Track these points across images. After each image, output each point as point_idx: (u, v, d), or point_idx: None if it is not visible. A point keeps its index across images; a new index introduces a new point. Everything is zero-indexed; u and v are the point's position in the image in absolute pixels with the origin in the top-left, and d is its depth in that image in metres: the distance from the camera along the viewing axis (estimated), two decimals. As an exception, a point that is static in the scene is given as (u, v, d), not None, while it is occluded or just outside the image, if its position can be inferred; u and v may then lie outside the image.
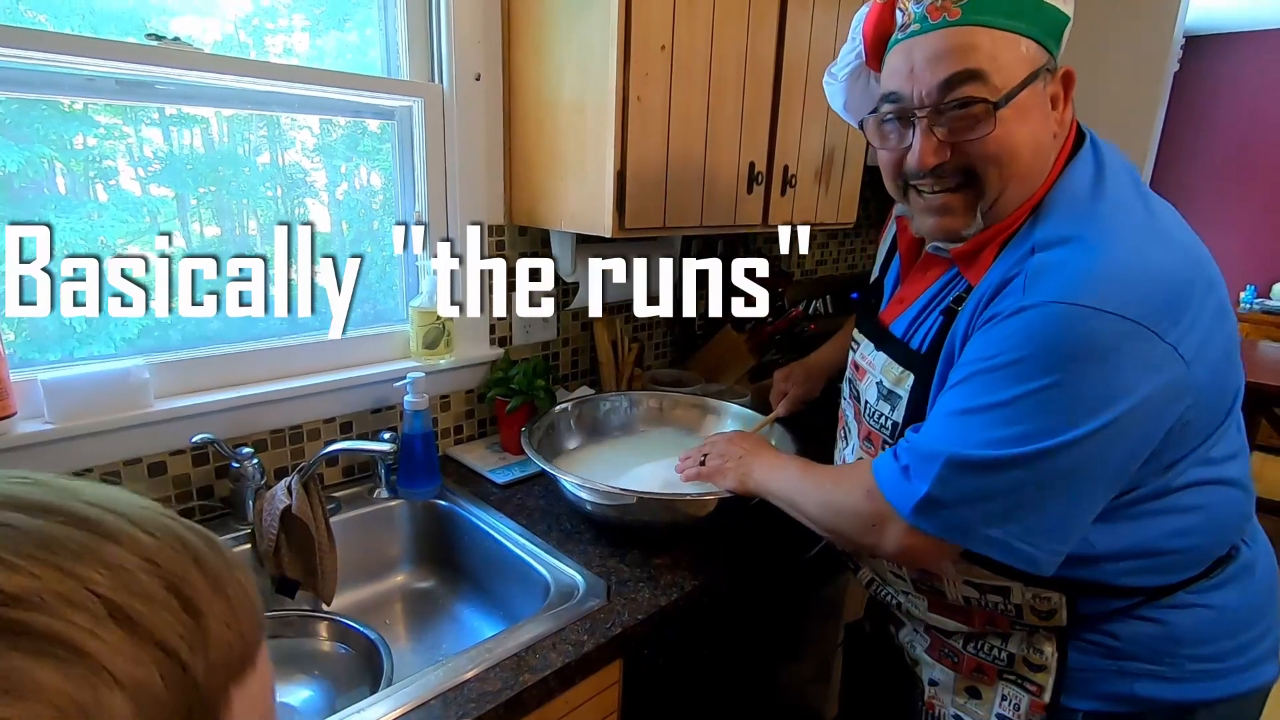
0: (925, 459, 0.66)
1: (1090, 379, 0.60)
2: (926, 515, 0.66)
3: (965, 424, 0.65)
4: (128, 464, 0.97)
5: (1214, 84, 4.21)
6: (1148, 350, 0.60)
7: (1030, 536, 0.63)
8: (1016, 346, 0.62)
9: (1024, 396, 0.62)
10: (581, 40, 1.09)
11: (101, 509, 0.24)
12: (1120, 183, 0.69)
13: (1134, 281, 0.61)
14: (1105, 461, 0.63)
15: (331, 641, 0.93)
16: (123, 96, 0.95)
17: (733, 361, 1.65)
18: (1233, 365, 0.70)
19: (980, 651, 0.79)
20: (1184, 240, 0.67)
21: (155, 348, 1.03)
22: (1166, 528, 0.69)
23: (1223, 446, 0.70)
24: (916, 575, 0.80)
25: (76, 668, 0.20)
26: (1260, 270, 4.19)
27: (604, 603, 0.90)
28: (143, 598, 0.23)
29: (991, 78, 0.65)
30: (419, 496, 1.15)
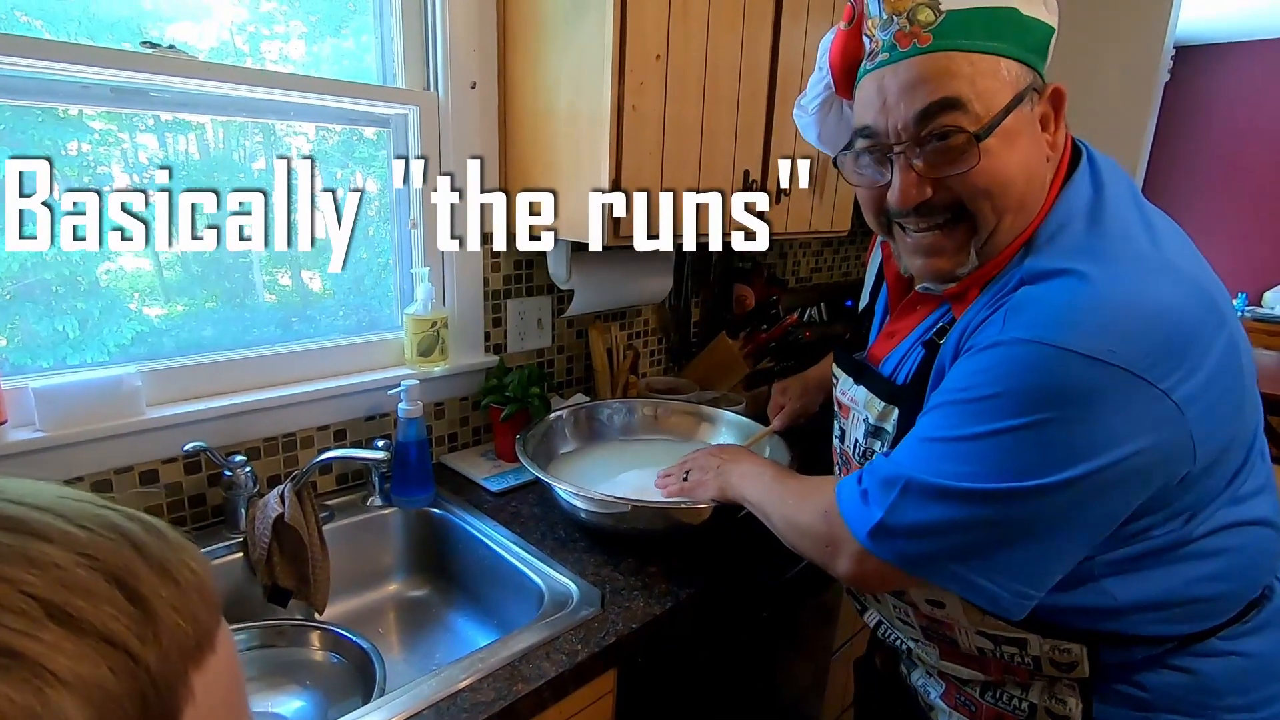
0: (884, 484, 0.64)
1: (1068, 428, 0.55)
2: (879, 541, 0.63)
3: (928, 452, 0.62)
4: (119, 472, 0.96)
5: (1204, 94, 4.26)
6: (1137, 400, 0.54)
7: (993, 574, 0.60)
8: (988, 383, 0.59)
9: (989, 435, 0.58)
10: (577, 49, 1.09)
11: (27, 506, 0.23)
12: (1121, 205, 0.64)
13: (1124, 322, 0.55)
14: (1077, 514, 0.58)
15: (324, 651, 0.92)
16: (118, 104, 0.95)
17: (728, 369, 1.65)
18: (1250, 401, 0.64)
19: (999, 701, 0.74)
20: (1192, 271, 0.60)
21: (147, 355, 1.03)
22: (1192, 575, 0.63)
23: (1249, 483, 0.65)
24: (926, 624, 0.76)
25: (16, 672, 0.20)
26: (1251, 278, 4.23)
27: (598, 611, 0.89)
28: (81, 593, 0.22)
29: (972, 105, 0.60)
30: (413, 504, 1.15)
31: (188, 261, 1.07)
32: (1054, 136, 0.65)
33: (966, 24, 0.59)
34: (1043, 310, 0.58)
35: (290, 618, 0.99)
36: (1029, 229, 0.65)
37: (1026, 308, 0.59)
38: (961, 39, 0.60)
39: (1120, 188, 0.66)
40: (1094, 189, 0.65)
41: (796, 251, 2.09)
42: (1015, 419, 0.56)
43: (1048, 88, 0.64)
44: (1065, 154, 0.67)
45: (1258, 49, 4.06)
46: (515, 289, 1.38)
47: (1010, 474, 0.57)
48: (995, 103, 0.60)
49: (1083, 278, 0.58)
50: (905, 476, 0.62)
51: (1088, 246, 0.61)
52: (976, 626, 0.70)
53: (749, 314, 1.76)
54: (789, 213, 1.43)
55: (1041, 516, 0.58)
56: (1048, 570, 0.60)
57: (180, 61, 0.94)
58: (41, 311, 0.95)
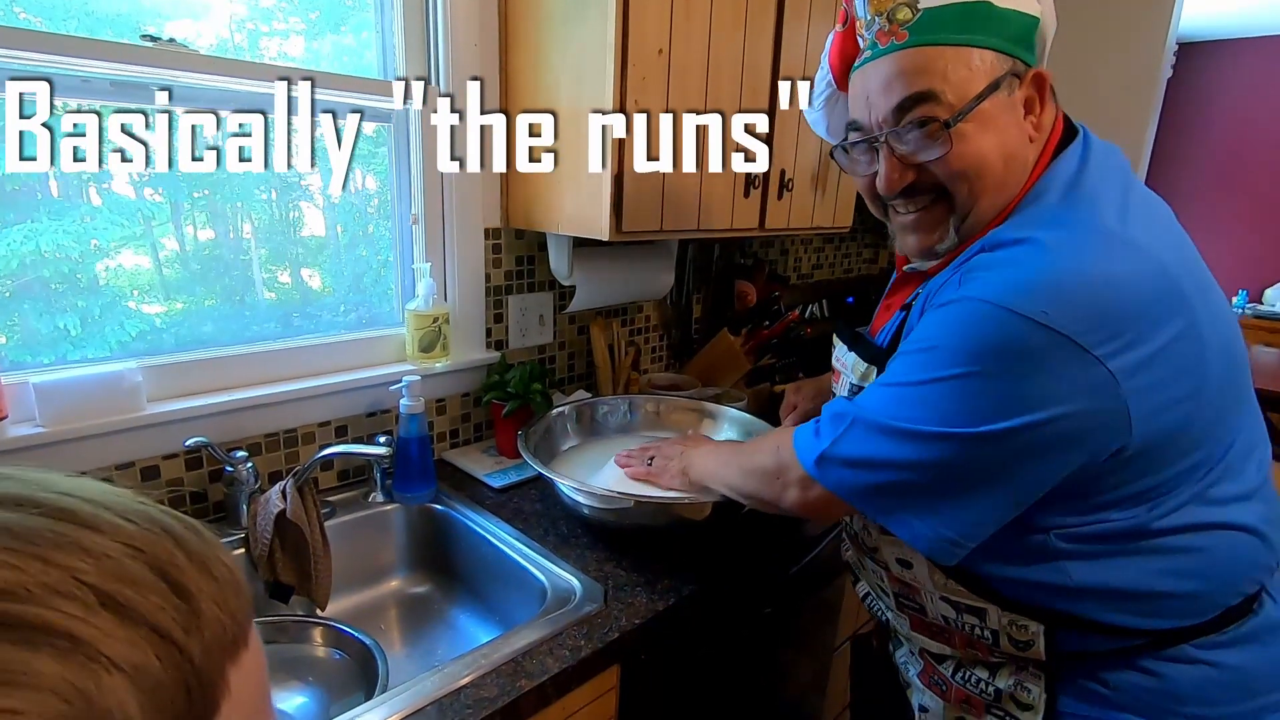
0: (834, 418, 0.69)
1: (1000, 382, 0.59)
2: (823, 468, 0.68)
3: (880, 395, 0.66)
4: (120, 468, 0.96)
5: (1207, 90, 4.25)
6: (1069, 364, 0.57)
7: (923, 514, 0.63)
8: (935, 335, 0.63)
9: (933, 381, 0.62)
10: (579, 44, 1.09)
11: (78, 499, 0.24)
12: (1100, 182, 0.66)
13: (1068, 290, 0.58)
14: (1004, 470, 0.60)
15: (326, 647, 0.92)
16: (117, 98, 0.94)
17: (729, 365, 1.65)
18: (1228, 396, 0.64)
19: (968, 683, 0.77)
20: (1157, 252, 0.61)
21: (148, 351, 1.03)
22: (1151, 568, 0.64)
23: (1227, 486, 0.65)
24: (898, 589, 0.79)
25: (74, 656, 0.20)
26: (1252, 275, 4.22)
27: (601, 607, 0.89)
28: (130, 583, 0.23)
29: (945, 96, 0.64)
30: (414, 501, 1.15)
31: (187, 259, 1.07)
32: (1039, 119, 0.68)
33: (941, 20, 0.64)
34: (994, 274, 0.61)
35: (292, 614, 0.98)
36: (1010, 205, 0.68)
37: (981, 271, 0.63)
38: (936, 34, 0.64)
39: (1107, 168, 0.68)
40: (1078, 167, 0.67)
41: (798, 248, 2.09)
42: (955, 369, 0.60)
43: (1029, 73, 0.66)
44: (1055, 134, 0.70)
45: (1260, 45, 4.05)
46: (517, 285, 1.38)
47: (946, 419, 0.60)
48: (968, 91, 0.64)
49: (1036, 245, 0.61)
50: (854, 414, 0.67)
51: (1051, 217, 0.64)
52: (940, 591, 0.73)
53: (750, 310, 1.76)
54: (791, 209, 1.42)
55: (970, 465, 0.61)
56: (974, 521, 0.63)
57: (180, 54, 0.94)
58: (41, 309, 0.95)
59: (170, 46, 0.94)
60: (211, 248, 1.08)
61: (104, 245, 0.98)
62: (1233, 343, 0.66)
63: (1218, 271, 0.66)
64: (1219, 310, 0.65)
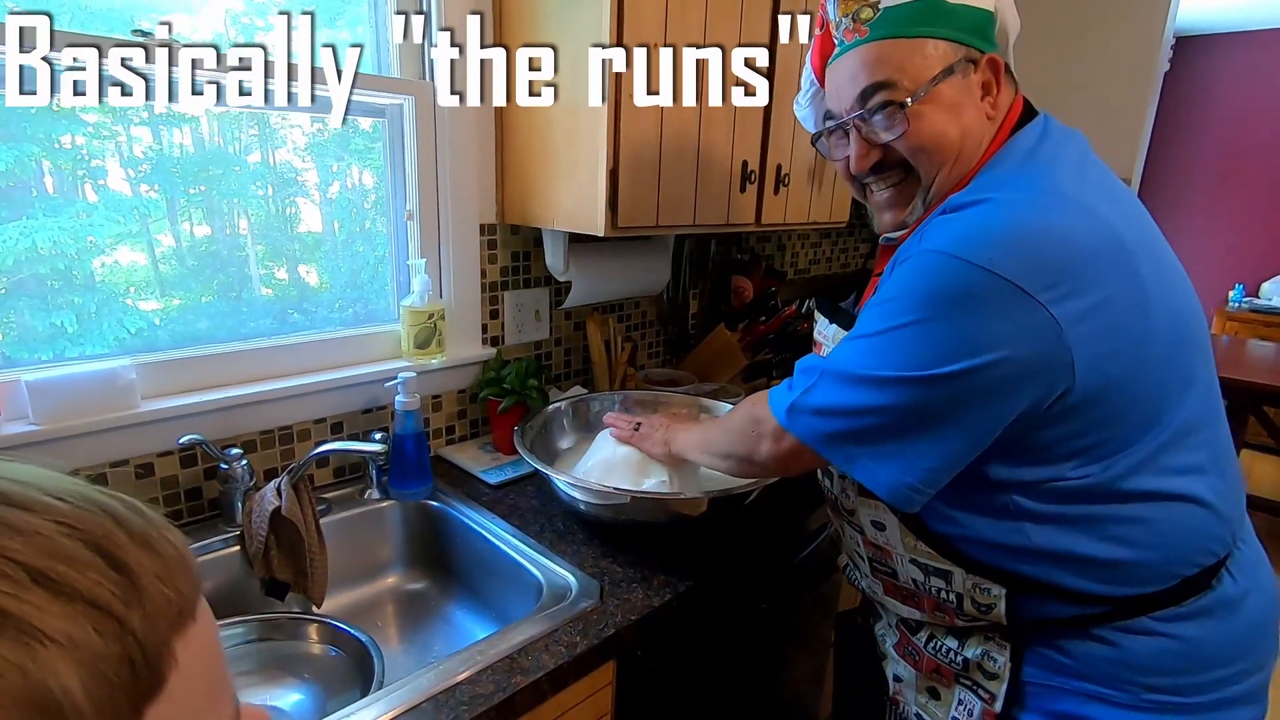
0: (805, 372, 0.73)
1: (950, 325, 0.63)
2: (793, 417, 0.72)
3: (846, 348, 0.70)
4: (114, 465, 0.96)
5: (1203, 84, 4.24)
6: (1014, 308, 0.61)
7: (883, 460, 0.67)
8: (893, 288, 0.67)
9: (890, 330, 0.66)
10: (574, 37, 1.08)
11: (9, 480, 0.24)
12: (1059, 155, 0.71)
13: (1014, 240, 0.62)
14: (957, 411, 0.64)
15: (322, 644, 0.92)
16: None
17: (726, 361, 1.65)
18: (1176, 365, 0.67)
19: (939, 653, 0.80)
20: (1104, 212, 0.65)
21: (145, 347, 1.02)
22: (1107, 533, 0.67)
23: (1183, 457, 0.68)
24: (872, 554, 0.83)
25: (5, 631, 0.20)
26: (1248, 269, 4.22)
27: (597, 603, 0.89)
28: (64, 559, 0.23)
29: (901, 83, 0.71)
30: (411, 497, 1.15)
31: (183, 255, 1.06)
32: (996, 99, 0.74)
33: (897, 17, 0.71)
34: (948, 228, 0.66)
35: (288, 611, 0.98)
36: (968, 174, 0.73)
37: (938, 227, 0.67)
38: (893, 29, 0.71)
39: (1064, 144, 0.73)
40: (1036, 140, 0.72)
41: (795, 243, 2.09)
42: (909, 316, 0.65)
43: (984, 58, 0.72)
44: (1014, 113, 0.75)
45: (1258, 39, 4.04)
46: (513, 280, 1.37)
47: (902, 364, 0.64)
48: (923, 76, 0.71)
49: (989, 203, 0.66)
50: (822, 366, 0.71)
51: (1005, 180, 0.69)
52: (910, 554, 0.77)
53: (747, 306, 1.75)
54: (788, 204, 1.42)
55: (925, 407, 0.65)
56: (932, 466, 0.66)
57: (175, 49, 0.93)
58: (38, 306, 0.94)
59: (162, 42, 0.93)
60: (208, 244, 1.08)
61: (100, 242, 0.98)
62: (1185, 319, 0.69)
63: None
64: (1171, 284, 0.69)
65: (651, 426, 1.04)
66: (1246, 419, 2.80)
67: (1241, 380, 2.51)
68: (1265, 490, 3.29)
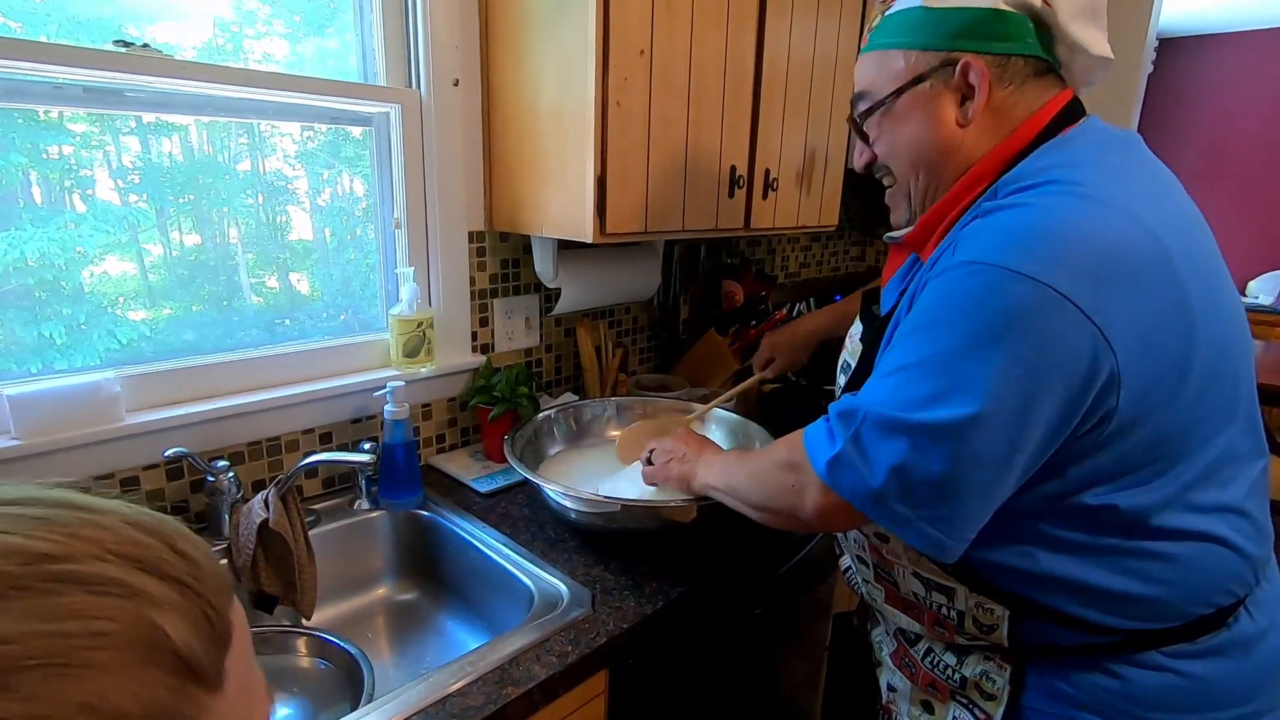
0: (845, 416, 0.65)
1: (1002, 351, 0.57)
2: (836, 474, 0.65)
3: (884, 384, 0.64)
4: (99, 479, 0.95)
5: (1187, 86, 4.29)
6: (1063, 321, 0.56)
7: (938, 524, 0.61)
8: (934, 307, 0.62)
9: (933, 360, 0.60)
10: (560, 45, 1.08)
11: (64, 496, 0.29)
12: (1101, 159, 0.66)
13: (1062, 247, 0.57)
14: (1020, 445, 0.59)
15: (311, 657, 0.91)
16: (91, 104, 0.93)
17: (717, 365, 1.65)
18: (1218, 393, 0.63)
19: (936, 668, 0.78)
20: (1150, 225, 0.60)
21: (135, 358, 1.01)
22: (1120, 567, 0.64)
23: (1211, 493, 0.64)
24: (876, 561, 0.80)
25: (129, 599, 0.26)
26: (1235, 269, 4.26)
27: (589, 612, 0.89)
28: (142, 546, 0.28)
29: (872, 94, 0.74)
30: (401, 507, 1.14)
31: (173, 265, 1.06)
32: (983, 103, 0.69)
33: (884, 26, 0.73)
34: (984, 235, 0.61)
35: (277, 624, 0.97)
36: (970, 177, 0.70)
37: (971, 236, 0.63)
38: (876, 39, 0.73)
39: (1109, 147, 0.68)
40: (1073, 142, 0.67)
41: (785, 247, 2.09)
42: (954, 340, 0.59)
43: (961, 62, 0.68)
44: (1044, 115, 0.69)
45: (1241, 40, 4.09)
46: (502, 288, 1.37)
47: (953, 403, 0.58)
48: (889, 86, 0.72)
49: (1024, 206, 0.61)
50: (863, 409, 0.64)
51: (1041, 185, 0.63)
52: (913, 567, 0.74)
53: (738, 310, 1.76)
54: (776, 208, 1.42)
55: (983, 455, 0.58)
56: (987, 505, 0.61)
57: (154, 60, 0.92)
58: (25, 318, 0.93)
59: (144, 52, 0.92)
60: (198, 253, 1.07)
61: (89, 252, 0.97)
62: (1231, 347, 0.65)
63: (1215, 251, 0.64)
64: (1218, 307, 0.64)
65: (669, 454, 0.97)
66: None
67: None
68: (1255, 487, 3.31)
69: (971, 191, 0.69)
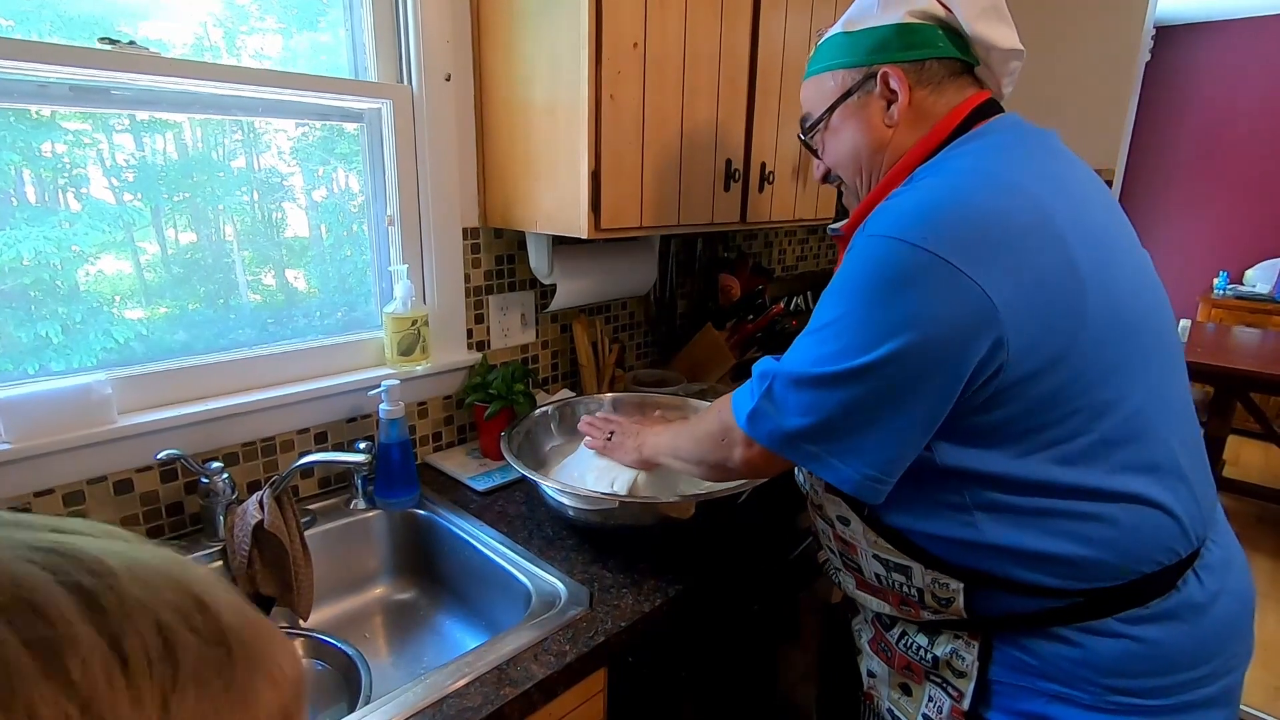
0: (763, 375, 0.73)
1: (888, 304, 0.64)
2: (755, 424, 0.73)
3: (800, 345, 0.71)
4: (91, 483, 0.94)
5: (1184, 74, 4.27)
6: (947, 282, 0.62)
7: (843, 455, 0.68)
8: (841, 276, 0.69)
9: (833, 322, 0.68)
10: (552, 38, 1.07)
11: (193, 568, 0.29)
12: (1000, 142, 0.73)
13: (943, 217, 0.64)
14: (905, 391, 0.64)
15: (307, 659, 0.91)
16: (78, 103, 0.92)
17: (715, 360, 1.64)
18: (1119, 352, 0.67)
19: (910, 650, 0.81)
20: (1036, 194, 0.67)
21: (129, 358, 1.01)
22: (1056, 529, 0.67)
23: (1133, 453, 0.67)
24: (841, 548, 0.83)
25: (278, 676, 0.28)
26: (1233, 256, 4.26)
27: (586, 610, 0.88)
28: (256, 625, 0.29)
29: (813, 114, 0.85)
30: (397, 506, 1.13)
31: (169, 263, 1.05)
32: (906, 105, 0.77)
33: (817, 55, 0.84)
34: (885, 213, 0.69)
35: (274, 625, 0.97)
36: (893, 174, 0.78)
37: (877, 214, 0.70)
38: (813, 66, 0.85)
39: (1011, 133, 0.75)
40: (976, 134, 0.75)
41: (782, 240, 2.08)
42: (850, 301, 0.67)
43: (879, 73, 0.78)
44: (960, 111, 0.76)
45: (1237, 27, 4.07)
46: (497, 284, 1.36)
47: (846, 353, 0.66)
48: (822, 106, 0.83)
49: (919, 186, 0.70)
50: (775, 369, 0.72)
51: (937, 168, 0.73)
52: (872, 549, 0.78)
53: (735, 304, 1.75)
54: (773, 201, 1.41)
55: (874, 394, 0.65)
56: (890, 456, 0.67)
57: (140, 58, 0.91)
58: (21, 317, 0.93)
59: (129, 49, 0.91)
60: (194, 251, 1.06)
61: (85, 251, 0.96)
62: (1130, 309, 0.69)
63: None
64: (1114, 274, 0.68)
65: (624, 434, 1.04)
66: (1234, 405, 2.82)
67: (1228, 367, 2.52)
68: (1253, 475, 3.32)
69: (894, 183, 0.77)
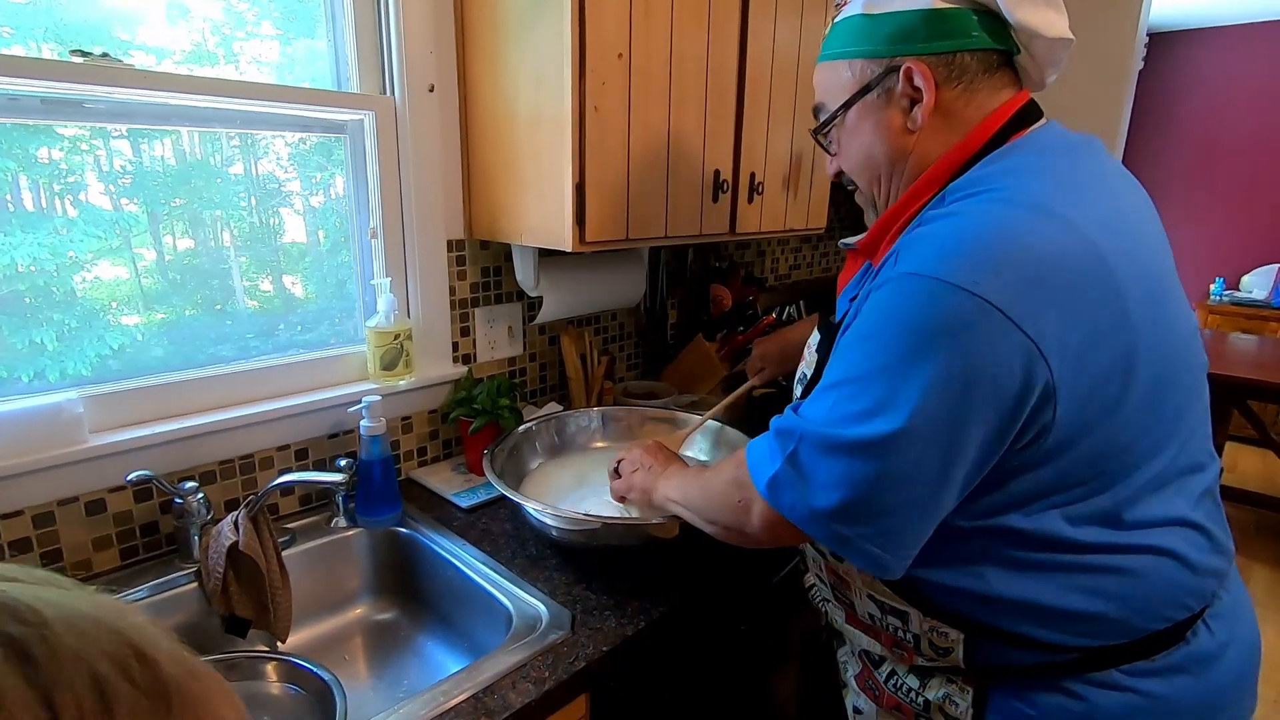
0: (783, 435, 0.65)
1: (928, 357, 0.56)
2: (776, 493, 0.65)
3: (823, 399, 0.63)
4: (62, 504, 0.92)
5: (1178, 80, 4.27)
6: (997, 335, 0.54)
7: (876, 540, 0.60)
8: (872, 320, 0.61)
9: (870, 372, 0.59)
10: (535, 49, 1.05)
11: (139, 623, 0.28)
12: (1043, 163, 0.64)
13: (992, 255, 0.56)
14: (950, 454, 0.57)
15: (281, 683, 0.88)
16: (50, 116, 0.90)
17: (705, 372, 1.62)
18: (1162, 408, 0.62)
19: (899, 691, 0.76)
20: (1087, 231, 0.58)
21: (123, 366, 0.99)
22: (1070, 584, 0.62)
23: (1154, 507, 0.63)
24: (834, 581, 0.78)
25: None
26: (1228, 263, 4.26)
27: (568, 634, 0.86)
28: None
29: (827, 107, 0.75)
30: (379, 525, 1.11)
31: (166, 269, 1.04)
32: (929, 106, 0.67)
33: (832, 37, 0.73)
34: (921, 245, 0.60)
35: (249, 649, 0.94)
36: (921, 183, 0.68)
37: (911, 246, 0.61)
38: (825, 50, 0.74)
39: (1057, 151, 0.66)
40: (1018, 149, 0.65)
41: (775, 249, 2.07)
42: (891, 353, 0.58)
43: (902, 68, 0.67)
44: (999, 117, 0.67)
45: (1231, 33, 4.08)
46: (484, 297, 1.34)
47: (887, 420, 0.57)
48: (838, 99, 0.73)
49: (961, 215, 0.61)
50: (800, 427, 0.63)
51: (978, 192, 0.62)
52: (867, 589, 0.73)
53: (726, 315, 1.73)
54: (762, 212, 1.40)
55: (920, 470, 0.58)
56: (926, 531, 0.61)
57: (111, 70, 0.89)
58: (16, 324, 0.91)
59: (101, 61, 0.89)
60: (191, 257, 1.05)
61: (81, 257, 0.95)
62: (1177, 357, 0.64)
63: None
64: (1161, 318, 0.62)
65: (635, 465, 0.97)
66: (1230, 413, 2.81)
67: (1225, 374, 2.51)
68: (1250, 483, 3.30)
69: (920, 198, 0.68)
